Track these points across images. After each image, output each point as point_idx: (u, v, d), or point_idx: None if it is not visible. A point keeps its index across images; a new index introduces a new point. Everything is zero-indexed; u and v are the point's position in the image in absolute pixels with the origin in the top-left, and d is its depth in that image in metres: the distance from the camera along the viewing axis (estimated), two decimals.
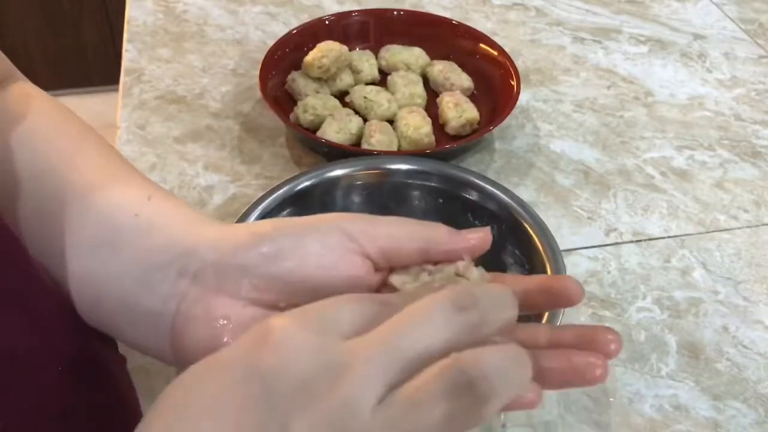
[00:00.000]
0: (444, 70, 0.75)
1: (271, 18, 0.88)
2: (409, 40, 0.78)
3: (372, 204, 0.56)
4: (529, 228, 0.51)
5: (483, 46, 0.77)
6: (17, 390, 0.31)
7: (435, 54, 0.77)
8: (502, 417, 0.50)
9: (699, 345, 0.55)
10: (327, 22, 0.78)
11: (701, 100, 0.80)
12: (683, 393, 0.52)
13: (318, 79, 0.72)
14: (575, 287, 0.30)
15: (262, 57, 0.72)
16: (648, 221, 0.65)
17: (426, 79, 0.76)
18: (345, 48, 0.73)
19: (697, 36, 0.90)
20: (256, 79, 0.72)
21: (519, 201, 0.53)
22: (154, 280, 0.32)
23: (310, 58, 0.71)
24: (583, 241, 0.63)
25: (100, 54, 2.00)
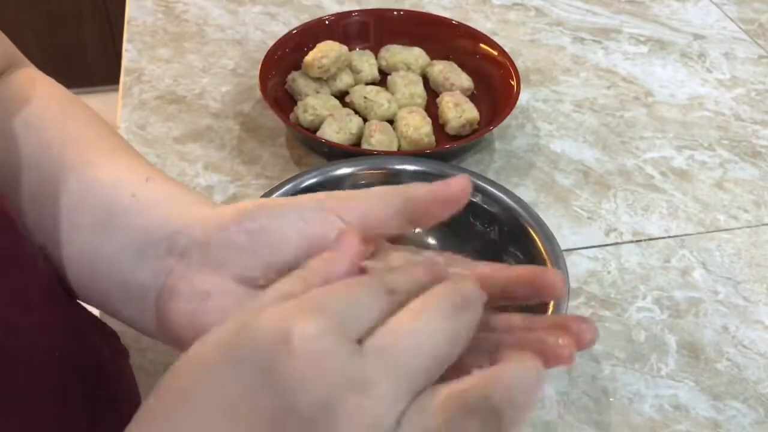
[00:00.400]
0: (444, 70, 0.75)
1: (271, 18, 0.88)
2: (409, 40, 0.78)
3: None
4: (530, 228, 0.51)
5: (483, 46, 0.77)
6: (11, 383, 0.31)
7: (435, 54, 0.77)
8: None
9: (699, 345, 0.55)
10: (327, 22, 0.78)
11: (701, 100, 0.80)
12: (683, 393, 0.52)
13: (318, 79, 0.72)
14: (558, 282, 0.30)
15: (262, 57, 0.72)
16: (648, 221, 0.65)
17: (426, 79, 0.76)
18: (345, 48, 0.73)
19: (697, 36, 0.90)
20: (256, 79, 0.72)
21: (519, 201, 0.53)
22: (146, 257, 0.33)
23: (310, 58, 0.71)
24: (583, 241, 0.63)
25: (100, 54, 2.00)
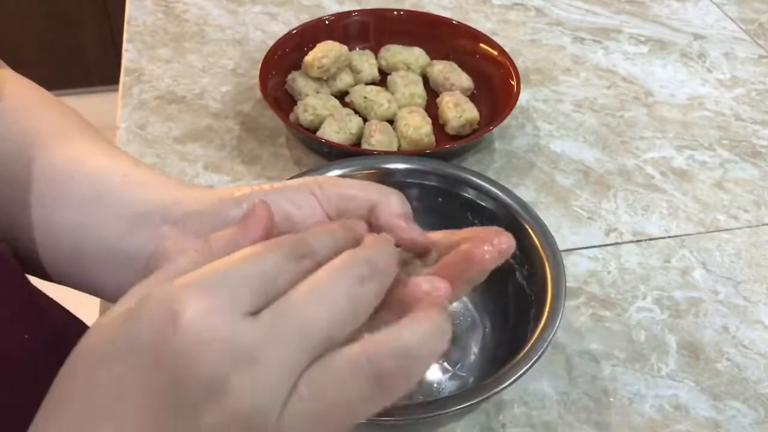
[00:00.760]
0: (444, 70, 0.75)
1: (271, 18, 0.88)
2: (409, 40, 0.78)
3: None
4: (529, 228, 0.51)
5: (483, 46, 0.77)
6: None
7: (435, 54, 0.77)
8: (501, 417, 0.50)
9: (699, 345, 0.55)
10: (327, 22, 0.78)
11: (701, 100, 0.80)
12: (683, 393, 0.52)
13: (318, 79, 0.72)
14: (489, 253, 0.31)
15: (262, 57, 0.72)
16: (648, 221, 0.65)
17: (426, 79, 0.76)
18: (345, 48, 0.73)
19: (697, 36, 0.90)
20: (256, 79, 0.72)
21: (519, 201, 0.53)
22: (137, 226, 0.34)
23: (310, 58, 0.71)
24: (583, 241, 0.63)
25: (100, 54, 2.00)
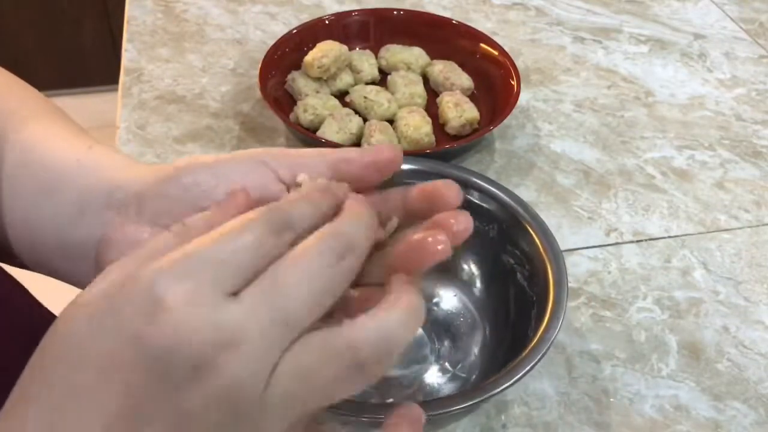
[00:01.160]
0: (444, 69, 0.75)
1: (271, 18, 0.88)
2: (409, 39, 0.78)
3: None
4: (530, 228, 0.51)
5: (483, 45, 0.77)
6: None
7: (435, 54, 0.77)
8: (502, 418, 0.50)
9: (699, 345, 0.55)
10: (327, 21, 0.77)
11: (702, 100, 0.80)
12: (684, 393, 0.52)
13: (318, 79, 0.72)
14: (450, 189, 0.30)
15: (261, 57, 0.72)
16: (648, 221, 0.65)
17: (426, 79, 0.76)
18: (345, 48, 0.73)
19: (698, 36, 0.90)
20: (255, 79, 0.72)
21: (519, 201, 0.53)
22: (85, 213, 0.34)
23: (310, 57, 0.71)
24: (584, 241, 0.63)
25: (99, 54, 2.00)
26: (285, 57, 0.74)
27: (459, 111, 0.69)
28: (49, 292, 0.52)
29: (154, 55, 0.80)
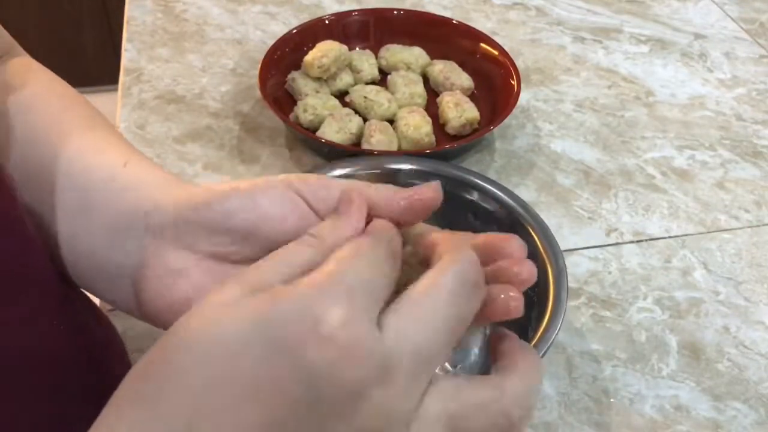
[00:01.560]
0: (444, 69, 0.74)
1: (271, 18, 0.88)
2: (409, 39, 0.78)
3: None
4: (530, 228, 0.51)
5: (483, 45, 0.77)
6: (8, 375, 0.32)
7: (435, 54, 0.77)
8: None
9: (700, 345, 0.55)
10: (327, 21, 0.77)
11: (702, 99, 0.80)
12: (684, 393, 0.52)
13: (318, 79, 0.72)
14: (512, 245, 0.30)
15: (261, 57, 0.72)
16: (649, 221, 0.65)
17: (426, 79, 0.76)
18: (345, 47, 0.73)
19: (698, 36, 0.90)
20: (255, 79, 0.71)
21: (519, 201, 0.53)
22: (121, 237, 0.34)
23: (309, 57, 0.71)
24: (584, 242, 0.63)
25: (99, 54, 2.00)
26: (285, 57, 0.74)
27: (459, 111, 0.69)
28: None
29: (153, 55, 0.80)
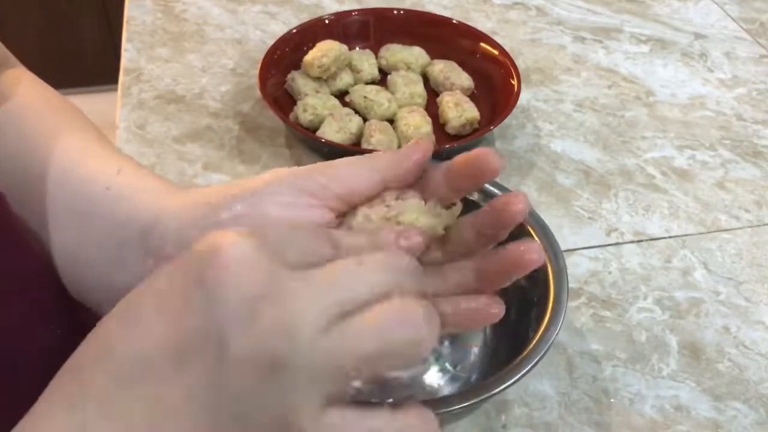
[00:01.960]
0: (444, 69, 0.74)
1: (271, 17, 0.87)
2: (409, 39, 0.78)
3: None
4: (530, 228, 0.51)
5: (483, 45, 0.77)
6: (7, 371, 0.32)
7: (435, 53, 0.77)
8: (502, 418, 0.50)
9: (700, 345, 0.55)
10: (327, 21, 0.77)
11: (702, 99, 0.80)
12: (684, 393, 0.52)
13: (318, 79, 0.72)
14: (491, 157, 0.30)
15: (261, 56, 0.72)
16: (649, 221, 0.65)
17: (426, 79, 0.76)
18: (345, 47, 0.73)
19: (698, 35, 0.90)
20: (255, 79, 0.71)
21: None
22: (123, 257, 0.33)
23: (309, 57, 0.71)
24: (584, 242, 0.63)
25: (99, 53, 1.99)
26: (285, 57, 0.74)
27: (459, 111, 0.69)
28: None
29: (153, 55, 0.80)
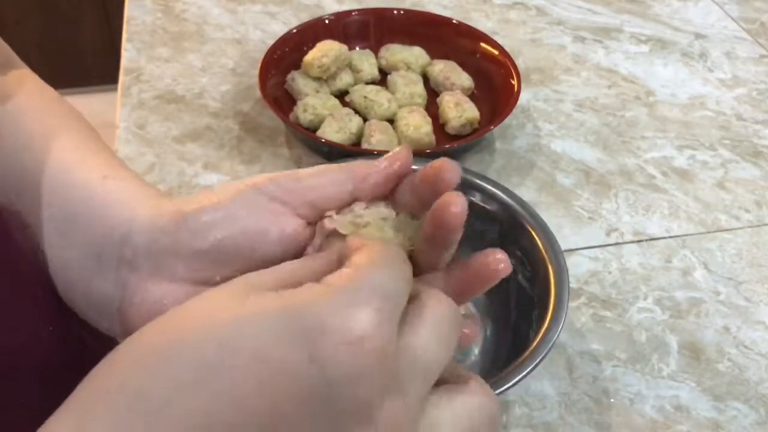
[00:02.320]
0: (444, 69, 0.74)
1: (271, 17, 0.87)
2: (409, 39, 0.78)
3: None
4: (530, 228, 0.51)
5: (483, 45, 0.77)
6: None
7: (435, 53, 0.77)
8: (503, 418, 0.50)
9: (700, 345, 0.55)
10: (327, 21, 0.77)
11: (702, 99, 0.80)
12: (684, 393, 0.52)
13: (318, 79, 0.72)
14: (448, 170, 0.30)
15: (261, 56, 0.72)
16: (649, 221, 0.65)
17: (426, 79, 0.76)
18: (345, 47, 0.73)
19: (699, 35, 0.90)
20: (255, 79, 0.71)
21: (520, 201, 0.53)
22: (101, 266, 0.33)
23: (309, 57, 0.71)
24: (584, 242, 0.63)
25: (99, 53, 1.99)
26: (285, 57, 0.74)
27: (459, 111, 0.69)
28: None
29: (153, 55, 0.80)
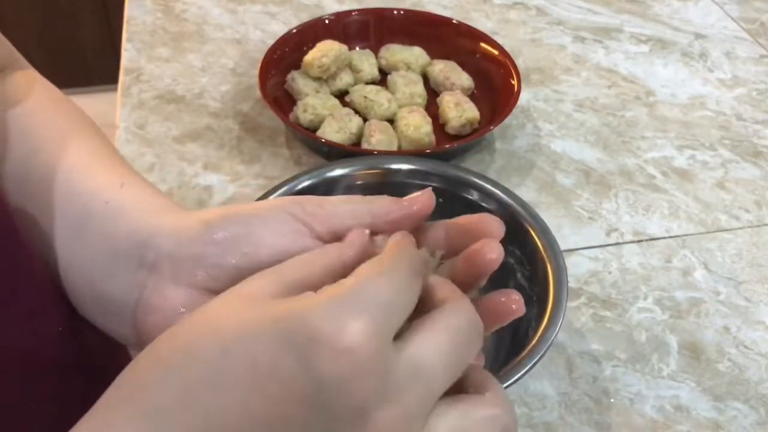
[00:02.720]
0: (444, 69, 0.74)
1: (271, 17, 0.87)
2: (409, 39, 0.78)
3: None
4: (530, 228, 0.51)
5: (483, 45, 0.77)
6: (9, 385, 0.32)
7: (435, 53, 0.77)
8: None
9: (700, 345, 0.55)
10: (327, 21, 0.77)
11: (702, 99, 0.80)
12: (684, 393, 0.52)
13: (318, 79, 0.72)
14: (491, 224, 0.31)
15: (261, 56, 0.72)
16: (649, 221, 0.65)
17: (426, 79, 0.76)
18: (345, 47, 0.73)
19: (699, 35, 0.90)
20: (255, 79, 0.71)
21: (520, 201, 0.53)
22: (117, 269, 0.33)
23: (309, 57, 0.71)
24: (584, 242, 0.63)
25: (99, 53, 2.00)
26: (285, 57, 0.74)
27: (459, 111, 0.69)
28: None
29: (153, 55, 0.80)
